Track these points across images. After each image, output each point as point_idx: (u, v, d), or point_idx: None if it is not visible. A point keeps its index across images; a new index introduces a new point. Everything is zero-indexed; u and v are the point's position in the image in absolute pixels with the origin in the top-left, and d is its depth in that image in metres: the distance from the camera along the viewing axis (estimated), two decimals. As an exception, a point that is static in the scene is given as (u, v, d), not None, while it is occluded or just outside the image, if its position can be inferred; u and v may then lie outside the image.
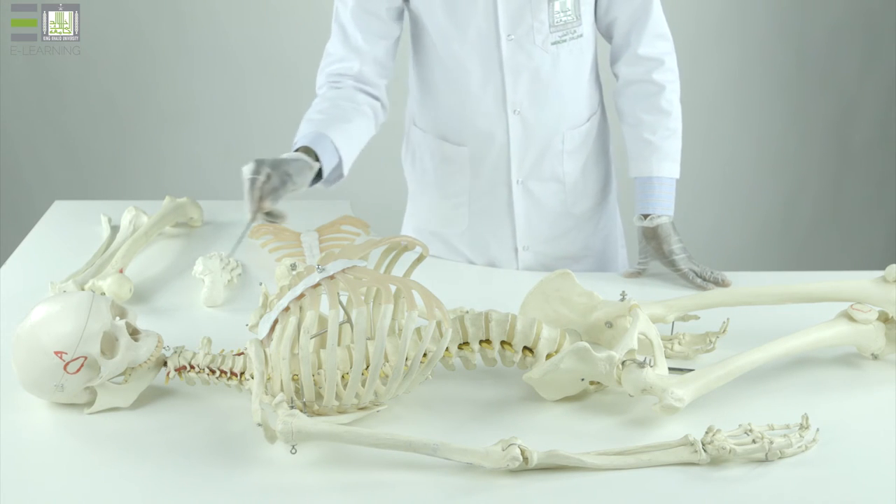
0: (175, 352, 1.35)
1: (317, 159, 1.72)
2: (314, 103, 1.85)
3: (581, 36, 1.85)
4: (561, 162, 1.93)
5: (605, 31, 1.92)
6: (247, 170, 1.62)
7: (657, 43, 1.87)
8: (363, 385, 1.27)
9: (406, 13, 1.89)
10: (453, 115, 1.91)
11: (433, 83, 1.91)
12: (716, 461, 1.20)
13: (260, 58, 3.64)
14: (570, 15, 1.81)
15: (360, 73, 1.86)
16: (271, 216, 1.64)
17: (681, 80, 1.91)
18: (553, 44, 1.83)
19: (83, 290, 1.67)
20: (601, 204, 2.03)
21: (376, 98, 1.88)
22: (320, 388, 1.27)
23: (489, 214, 1.98)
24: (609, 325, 1.46)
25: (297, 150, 1.72)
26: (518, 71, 1.84)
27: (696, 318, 1.54)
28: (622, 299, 1.46)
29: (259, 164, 1.62)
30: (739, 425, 1.23)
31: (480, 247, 2.01)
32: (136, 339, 1.33)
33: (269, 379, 1.28)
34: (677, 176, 1.88)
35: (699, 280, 1.80)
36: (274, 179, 1.62)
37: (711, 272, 1.80)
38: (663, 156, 1.86)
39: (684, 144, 1.90)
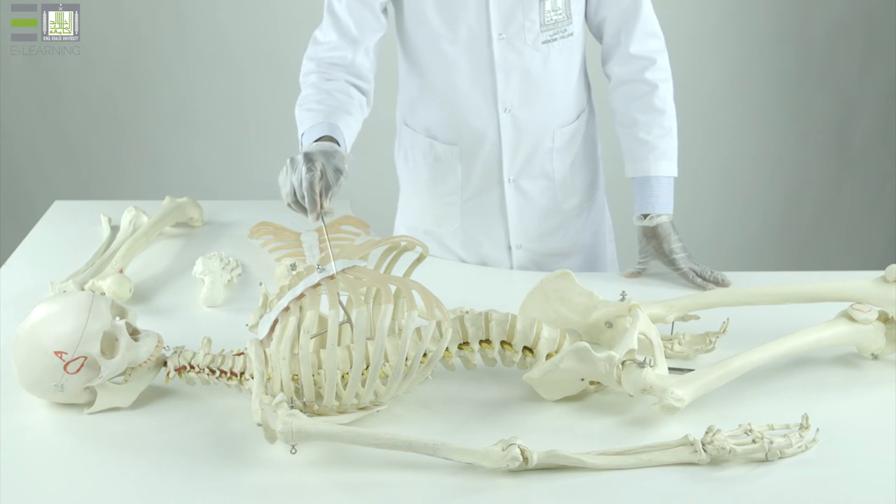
0: (175, 352, 1.35)
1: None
2: (308, 93, 1.80)
3: (571, 35, 1.85)
4: (551, 159, 1.94)
5: (595, 31, 1.92)
6: (302, 167, 1.47)
7: (648, 41, 1.87)
8: (363, 385, 1.27)
9: (391, 12, 1.89)
10: (444, 114, 1.91)
11: (424, 82, 1.91)
12: (716, 461, 1.20)
13: (260, 58, 3.64)
14: (560, 14, 1.82)
15: (353, 64, 1.83)
16: (326, 215, 1.50)
17: (680, 79, 1.91)
18: (544, 43, 1.83)
19: (83, 290, 1.67)
20: (589, 200, 2.03)
21: (364, 93, 1.86)
22: (320, 388, 1.27)
23: (481, 213, 1.98)
24: (609, 325, 1.46)
25: (317, 140, 1.62)
26: (509, 70, 1.84)
27: (696, 318, 1.54)
28: (622, 299, 1.46)
29: (309, 159, 1.48)
30: (739, 425, 1.23)
31: (473, 245, 2.01)
32: (136, 339, 1.33)
33: (269, 379, 1.28)
34: (675, 174, 1.88)
35: (699, 280, 1.79)
36: (329, 176, 1.49)
37: (711, 272, 1.80)
38: (659, 155, 1.86)
39: (684, 144, 1.90)
